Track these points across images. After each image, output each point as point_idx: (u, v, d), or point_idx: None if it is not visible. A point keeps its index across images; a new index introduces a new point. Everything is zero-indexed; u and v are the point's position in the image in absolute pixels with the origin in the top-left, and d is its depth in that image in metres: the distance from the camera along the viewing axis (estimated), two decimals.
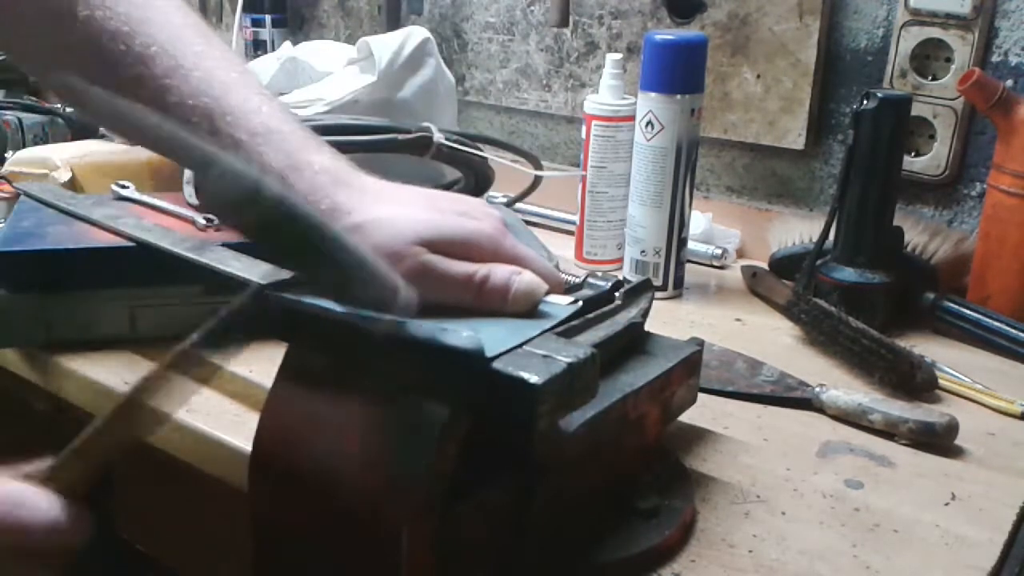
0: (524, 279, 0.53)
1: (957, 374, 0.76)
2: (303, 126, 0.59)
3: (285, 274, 0.54)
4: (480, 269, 0.53)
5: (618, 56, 0.97)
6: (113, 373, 0.69)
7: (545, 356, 0.46)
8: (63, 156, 0.98)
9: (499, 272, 0.53)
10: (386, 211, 0.54)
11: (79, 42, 0.57)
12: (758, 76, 1.06)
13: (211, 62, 0.59)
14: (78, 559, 0.42)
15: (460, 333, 0.44)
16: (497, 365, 0.44)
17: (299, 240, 0.40)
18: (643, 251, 0.93)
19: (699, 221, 1.05)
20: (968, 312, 0.85)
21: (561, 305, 0.56)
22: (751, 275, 0.96)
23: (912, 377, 0.73)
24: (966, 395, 0.74)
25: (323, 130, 0.80)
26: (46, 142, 1.17)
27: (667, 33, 0.92)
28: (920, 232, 0.90)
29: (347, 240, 0.41)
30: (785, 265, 0.95)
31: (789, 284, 0.90)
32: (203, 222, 0.83)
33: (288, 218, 0.39)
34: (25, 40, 0.61)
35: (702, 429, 0.67)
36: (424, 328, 0.44)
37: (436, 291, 0.52)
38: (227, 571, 0.69)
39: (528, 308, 0.53)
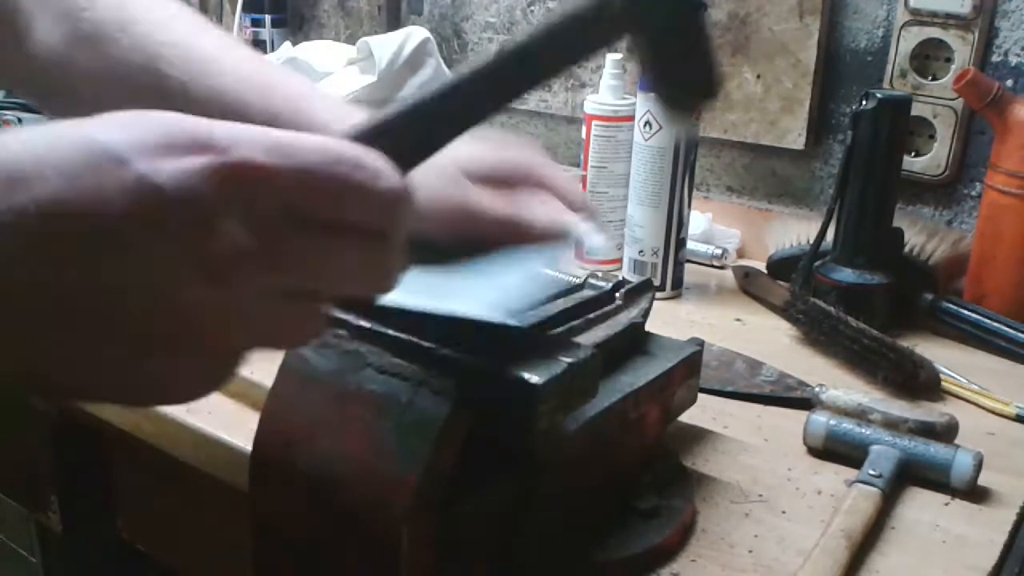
0: (560, 221, 0.55)
1: (954, 375, 0.76)
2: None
3: None
4: (519, 211, 0.55)
5: (618, 56, 0.97)
6: None
7: (546, 356, 0.46)
8: None
9: (537, 213, 0.55)
10: None
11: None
12: (758, 76, 1.06)
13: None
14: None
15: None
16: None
17: None
18: (641, 251, 0.93)
19: (699, 221, 1.04)
20: (966, 313, 0.85)
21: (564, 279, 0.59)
22: (743, 275, 0.96)
23: (916, 376, 0.73)
24: (962, 396, 0.74)
25: None
26: None
27: None
28: (918, 232, 0.90)
29: None
30: (783, 266, 0.95)
31: (784, 284, 0.90)
32: None
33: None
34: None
35: (702, 429, 0.67)
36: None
37: (473, 228, 0.54)
38: (227, 571, 0.69)
39: (560, 243, 0.55)
